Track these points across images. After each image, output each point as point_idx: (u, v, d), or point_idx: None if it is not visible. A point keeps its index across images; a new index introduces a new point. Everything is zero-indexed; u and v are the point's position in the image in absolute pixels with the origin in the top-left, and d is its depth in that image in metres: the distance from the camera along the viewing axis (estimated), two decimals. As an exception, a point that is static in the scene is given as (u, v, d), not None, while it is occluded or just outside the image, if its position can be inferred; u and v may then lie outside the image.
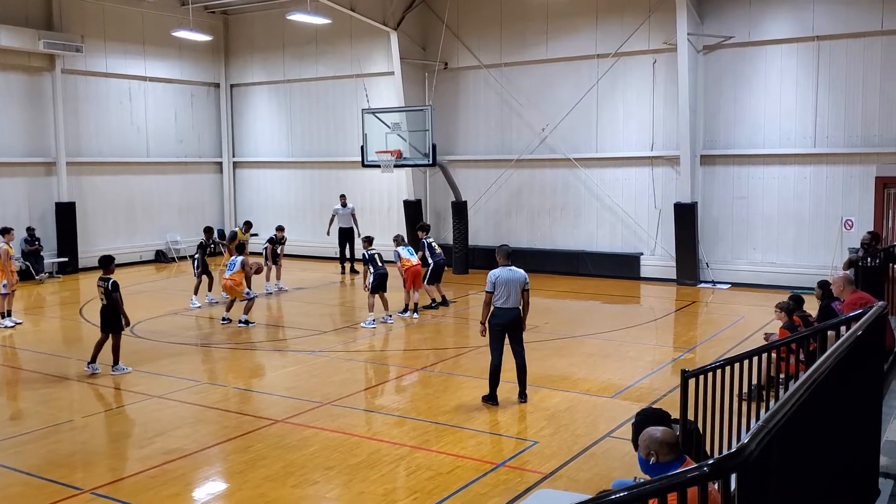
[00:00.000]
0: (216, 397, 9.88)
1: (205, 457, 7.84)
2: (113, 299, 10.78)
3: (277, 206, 24.50)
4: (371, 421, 9.00)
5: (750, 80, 17.53)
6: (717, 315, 15.26)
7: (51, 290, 18.94)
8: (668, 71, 18.14)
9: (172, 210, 24.07)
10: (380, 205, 22.71)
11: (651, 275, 18.82)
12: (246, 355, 12.37)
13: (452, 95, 21.45)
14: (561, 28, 19.60)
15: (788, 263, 17.34)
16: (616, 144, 19.28)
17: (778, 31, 17.10)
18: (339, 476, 7.23)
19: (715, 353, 11.33)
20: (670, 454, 4.41)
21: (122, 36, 22.37)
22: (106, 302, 10.89)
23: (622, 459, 7.55)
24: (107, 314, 10.91)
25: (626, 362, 11.46)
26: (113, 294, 10.78)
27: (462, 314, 15.63)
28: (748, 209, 17.85)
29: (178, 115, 24.26)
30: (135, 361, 11.57)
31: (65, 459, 7.78)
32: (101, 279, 11.01)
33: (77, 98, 21.55)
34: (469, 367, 11.04)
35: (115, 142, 22.54)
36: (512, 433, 8.60)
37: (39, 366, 11.44)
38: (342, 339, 13.28)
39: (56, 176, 21.06)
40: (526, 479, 7.15)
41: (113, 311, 10.86)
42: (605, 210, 19.53)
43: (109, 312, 10.89)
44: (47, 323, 15.76)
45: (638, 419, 5.26)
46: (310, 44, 23.37)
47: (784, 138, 17.28)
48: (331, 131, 23.62)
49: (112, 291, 10.79)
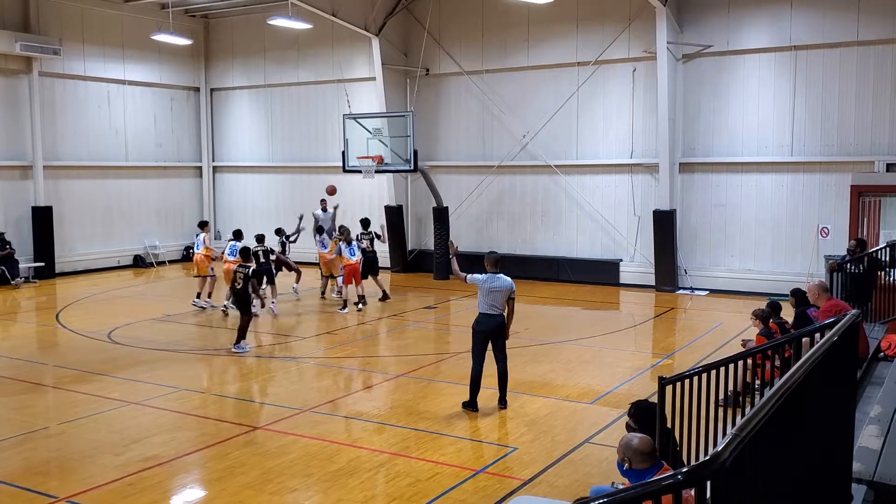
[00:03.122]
0: (194, 404, 9.82)
1: (183, 464, 7.78)
2: (251, 285, 12.35)
3: (258, 211, 24.39)
4: (351, 428, 8.98)
5: (728, 88, 17.72)
6: (696, 321, 15.38)
7: (27, 296, 18.72)
8: (648, 79, 18.30)
9: (151, 215, 23.89)
10: (361, 210, 22.62)
11: (630, 281, 18.94)
12: (225, 361, 12.30)
13: (434, 101, 21.50)
14: (542, 36, 19.72)
15: (766, 270, 17.53)
16: (596, 152, 19.40)
17: (756, 41, 17.32)
18: (317, 483, 7.21)
19: (693, 359, 11.43)
20: (645, 462, 4.44)
21: (101, 39, 22.21)
22: (241, 286, 12.31)
23: (600, 465, 7.59)
24: (240, 297, 12.40)
25: (605, 368, 11.53)
26: (251, 279, 12.37)
27: (442, 320, 15.65)
28: (726, 217, 18.02)
29: (157, 119, 24.11)
30: (112, 368, 11.49)
31: (40, 467, 7.70)
32: (242, 266, 12.62)
33: (55, 101, 21.35)
34: (450, 374, 11.05)
35: (94, 146, 22.35)
36: (492, 439, 8.61)
37: (14, 372, 11.30)
38: (322, 345, 13.24)
39: (32, 180, 20.84)
40: (505, 486, 7.16)
41: (245, 295, 12.33)
42: (586, 217, 19.64)
43: (242, 295, 12.36)
44: (22, 328, 15.58)
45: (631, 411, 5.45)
46: (291, 48, 23.33)
47: (762, 146, 17.47)
48: (312, 136, 23.57)
49: (251, 277, 12.39)
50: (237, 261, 14.68)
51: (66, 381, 10.79)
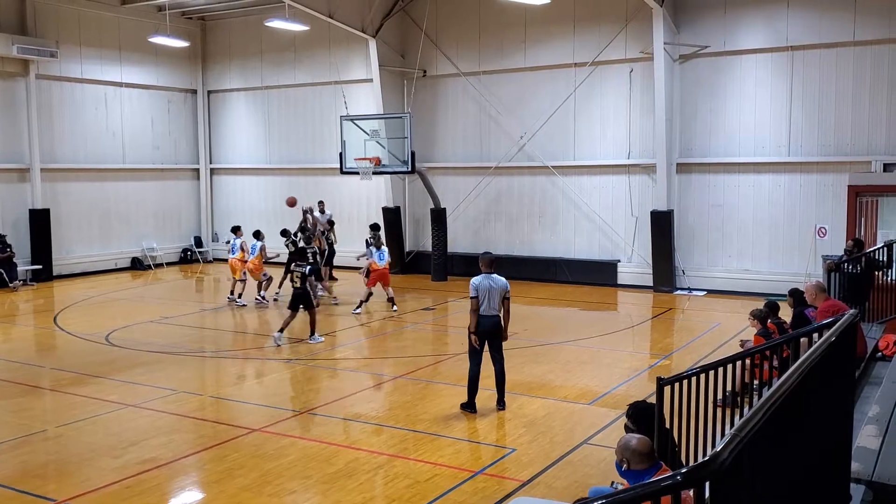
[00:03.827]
0: (192, 406, 9.81)
1: (181, 466, 7.77)
2: (308, 283, 13.19)
3: (255, 213, 24.35)
4: (349, 429, 8.97)
5: (725, 89, 17.74)
6: (694, 322, 15.39)
7: (24, 298, 18.69)
8: (645, 80, 18.31)
9: (149, 217, 23.88)
10: (358, 212, 22.66)
11: (628, 282, 18.95)
12: (222, 363, 12.29)
13: (431, 103, 21.50)
14: (539, 37, 19.73)
15: (763, 270, 17.55)
16: (593, 152, 19.41)
17: (752, 41, 17.34)
18: (316, 485, 7.20)
19: (691, 360, 11.44)
20: (643, 463, 4.46)
21: (98, 41, 22.19)
22: (300, 285, 13.13)
23: (598, 466, 7.60)
24: (299, 295, 13.15)
25: (603, 369, 11.53)
26: (308, 278, 13.20)
27: (440, 322, 15.64)
28: (724, 217, 18.04)
29: (154, 121, 24.09)
30: (110, 370, 11.48)
31: (38, 470, 7.68)
32: (298, 264, 13.40)
33: (52, 104, 21.33)
34: (448, 375, 11.04)
35: (91, 148, 22.32)
36: (490, 441, 8.61)
37: (12, 375, 11.28)
38: (321, 347, 13.23)
39: (30, 182, 20.82)
40: (504, 487, 7.16)
41: (305, 293, 13.16)
42: (583, 217, 19.65)
43: (302, 293, 13.14)
44: (20, 331, 15.55)
45: (629, 412, 5.44)
46: (288, 50, 23.32)
47: (759, 147, 17.50)
48: (309, 138, 23.56)
49: (308, 276, 13.19)
50: (258, 257, 16.83)
51: (64, 384, 10.77)
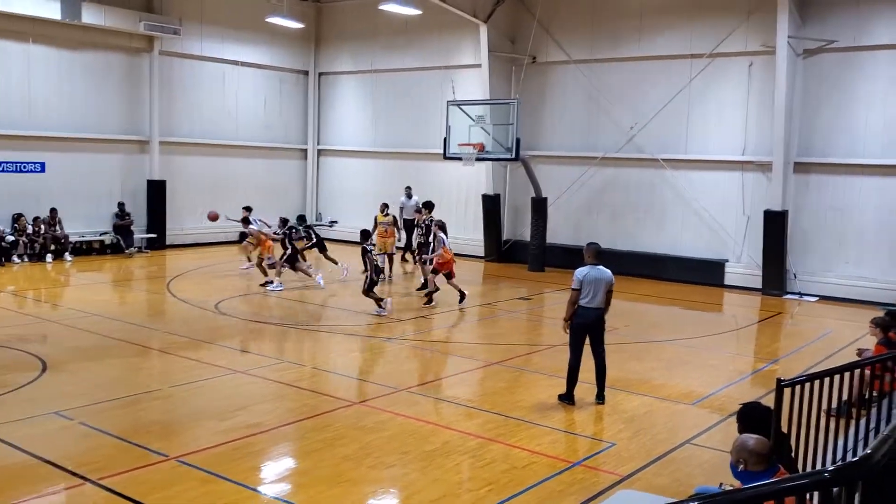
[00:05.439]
0: (295, 376, 10.06)
1: (285, 433, 7.98)
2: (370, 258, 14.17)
3: (358, 195, 24.77)
4: (444, 410, 9.00)
5: (853, 86, 16.81)
6: (804, 328, 14.73)
7: (139, 265, 19.64)
8: (765, 74, 17.57)
9: (257, 194, 24.58)
10: (457, 198, 22.71)
11: (735, 283, 18.29)
12: (323, 338, 12.56)
13: (539, 90, 21.28)
14: (655, 26, 19.22)
15: (880, 279, 16.61)
16: (706, 147, 18.79)
17: (888, 36, 16.32)
18: (414, 461, 7.25)
19: (801, 367, 10.93)
20: (761, 464, 4.35)
21: (218, 20, 22.97)
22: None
23: (703, 467, 7.36)
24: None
25: (706, 370, 11.16)
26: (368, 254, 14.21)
27: (536, 312, 15.51)
28: (842, 220, 17.15)
29: (267, 100, 24.80)
30: (219, 337, 11.93)
31: (151, 426, 8.04)
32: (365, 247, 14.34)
33: (172, 79, 22.24)
34: (543, 365, 10.93)
35: (207, 124, 23.18)
36: (588, 433, 8.48)
37: (128, 335, 11.86)
38: (415, 328, 13.35)
39: (149, 154, 21.81)
40: (602, 480, 7.03)
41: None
42: (691, 214, 19.07)
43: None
44: (136, 296, 16.35)
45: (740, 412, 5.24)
46: (399, 34, 23.53)
47: (886, 149, 16.52)
48: (413, 122, 23.74)
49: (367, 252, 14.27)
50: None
51: (175, 347, 11.24)
